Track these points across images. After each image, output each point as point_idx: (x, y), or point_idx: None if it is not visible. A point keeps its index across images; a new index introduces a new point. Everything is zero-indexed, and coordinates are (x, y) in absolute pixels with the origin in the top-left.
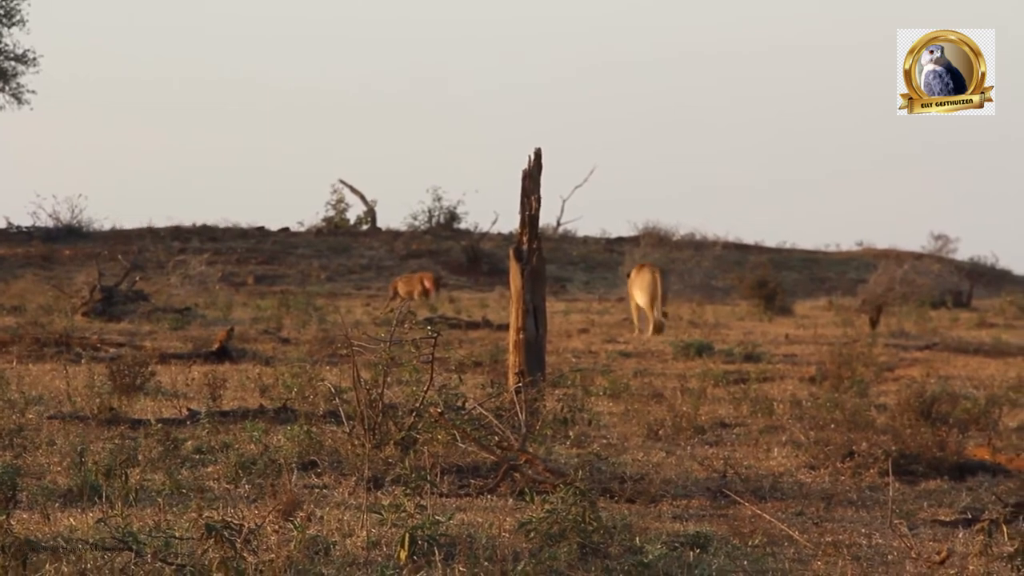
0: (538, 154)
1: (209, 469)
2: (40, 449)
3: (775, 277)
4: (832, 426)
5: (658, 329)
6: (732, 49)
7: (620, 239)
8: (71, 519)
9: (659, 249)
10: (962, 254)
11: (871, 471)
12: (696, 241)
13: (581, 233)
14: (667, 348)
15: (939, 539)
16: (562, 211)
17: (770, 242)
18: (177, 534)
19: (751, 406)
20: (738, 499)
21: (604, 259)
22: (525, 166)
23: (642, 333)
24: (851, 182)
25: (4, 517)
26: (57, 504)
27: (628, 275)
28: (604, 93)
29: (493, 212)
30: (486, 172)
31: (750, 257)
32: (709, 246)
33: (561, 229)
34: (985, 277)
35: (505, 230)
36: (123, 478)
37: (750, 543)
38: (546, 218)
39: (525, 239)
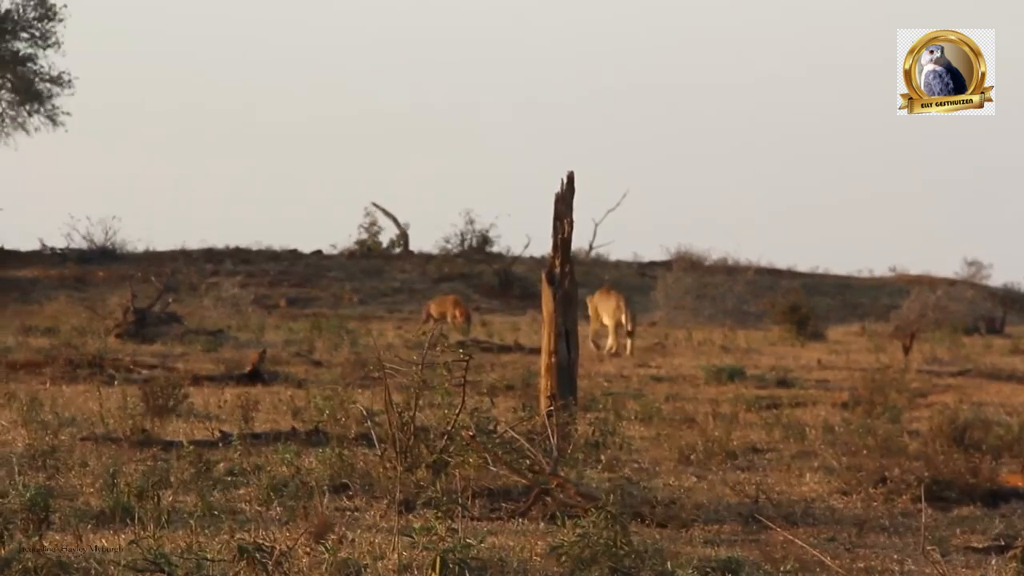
0: (571, 177)
1: (241, 491)
2: (73, 470)
3: (807, 302)
4: (864, 452)
5: (624, 349)
6: (767, 68)
7: (652, 263)
8: (103, 540)
9: (691, 273)
10: (995, 280)
11: (904, 497)
12: (728, 266)
13: (613, 257)
14: (699, 373)
15: (972, 566)
16: (594, 235)
17: (803, 267)
18: (209, 556)
19: (783, 431)
20: (770, 524)
21: (636, 283)
22: (558, 189)
23: (600, 350)
24: (885, 206)
25: (37, 538)
26: (89, 525)
27: (591, 297)
28: (637, 117)
29: (525, 236)
30: (519, 195)
31: (782, 282)
32: (741, 271)
33: (593, 253)
34: (1018, 304)
35: (537, 253)
36: (155, 500)
37: (782, 569)
38: (578, 242)
39: (557, 263)
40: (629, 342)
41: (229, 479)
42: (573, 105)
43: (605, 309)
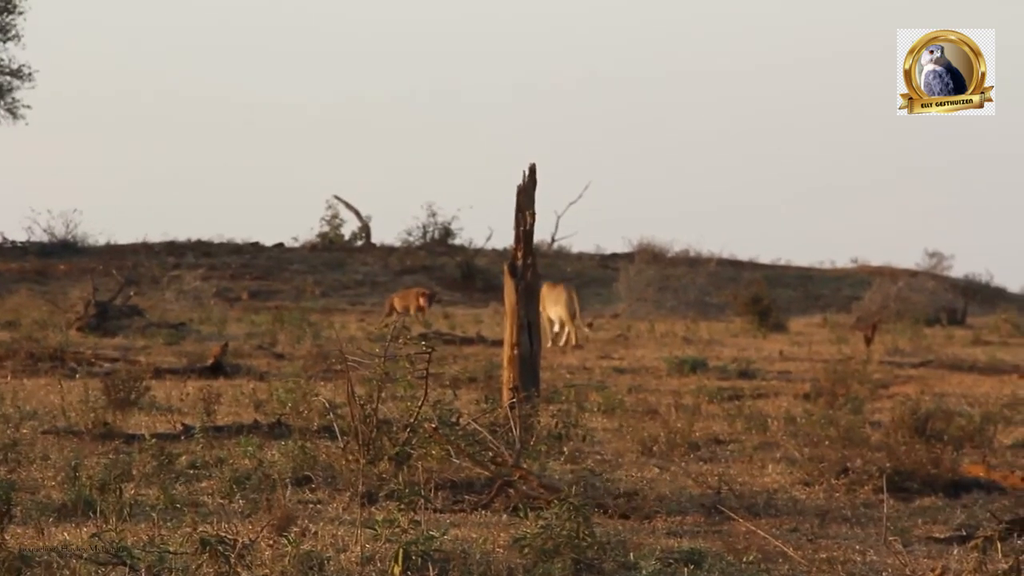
0: (533, 169)
1: (203, 484)
2: (34, 464)
3: (769, 294)
4: (827, 443)
5: (581, 340)
6: (729, 61)
7: (615, 255)
8: (65, 534)
9: (653, 265)
10: (957, 271)
11: (866, 488)
12: (691, 258)
13: (576, 249)
14: (661, 364)
15: (934, 556)
16: (557, 227)
17: (764, 259)
18: (171, 549)
19: (745, 423)
20: (732, 515)
21: (599, 275)
22: (520, 182)
23: (555, 344)
24: (846, 198)
25: None
26: (51, 519)
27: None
28: (599, 109)
29: (488, 228)
30: (481, 188)
31: (744, 274)
32: (704, 263)
33: (556, 245)
34: (980, 295)
35: (500, 246)
36: (117, 493)
37: (744, 559)
38: (541, 234)
39: (520, 255)
40: (582, 332)
41: (191, 472)
42: (535, 97)
43: (555, 302)
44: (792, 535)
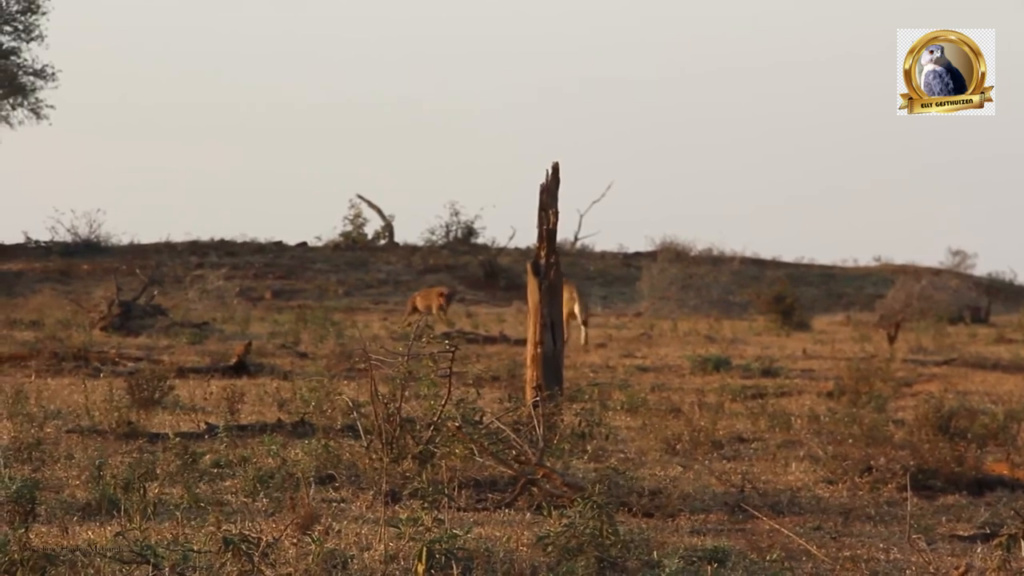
0: (556, 168)
1: (227, 483)
2: (59, 463)
3: (792, 292)
4: (850, 441)
5: (578, 340)
6: (746, 63)
7: (638, 254)
8: (89, 533)
9: (676, 264)
10: (980, 270)
11: (889, 486)
12: (713, 256)
13: (599, 248)
14: (684, 363)
15: (957, 554)
16: (580, 226)
17: (787, 257)
18: (195, 548)
19: (769, 421)
20: (756, 514)
21: (622, 274)
22: (543, 180)
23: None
24: (869, 197)
25: (23, 531)
26: (75, 518)
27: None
28: (622, 108)
29: (511, 227)
30: (504, 187)
31: (767, 272)
32: (727, 261)
33: (579, 244)
34: (1003, 293)
35: (523, 245)
36: (141, 492)
37: (768, 558)
38: (564, 233)
39: (543, 253)
40: (584, 332)
41: (215, 471)
42: (559, 97)
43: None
44: (815, 533)
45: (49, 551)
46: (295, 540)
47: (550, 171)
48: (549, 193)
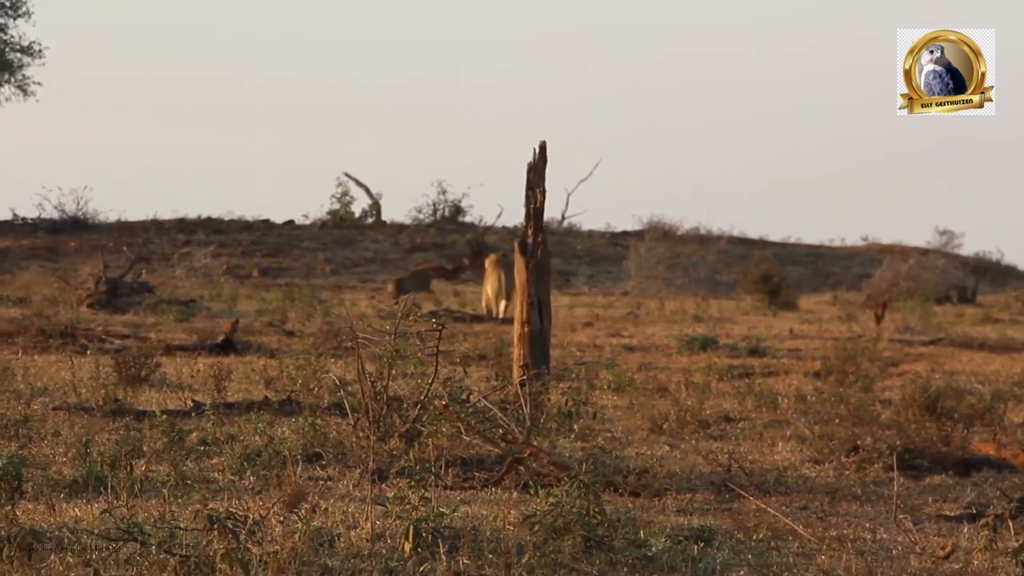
0: (543, 147)
1: (214, 461)
2: (45, 440)
3: (780, 272)
4: (837, 421)
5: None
6: (736, 48)
7: (625, 233)
8: (76, 510)
9: (664, 243)
10: (967, 249)
11: (876, 466)
12: (701, 235)
13: (586, 227)
14: (671, 342)
15: (944, 534)
16: (567, 205)
17: (775, 237)
18: (182, 525)
19: (755, 400)
20: (742, 493)
21: (609, 253)
22: (530, 159)
23: (497, 314)
24: (856, 177)
25: (9, 508)
26: (62, 495)
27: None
28: (609, 88)
29: (498, 205)
30: (491, 166)
31: (755, 252)
32: (714, 240)
33: (566, 223)
34: (990, 273)
35: (510, 223)
36: (128, 469)
37: (754, 537)
38: (551, 212)
39: (530, 232)
40: (504, 304)
41: (202, 448)
42: (546, 75)
43: (487, 280)
44: (802, 513)
45: (36, 528)
46: (282, 518)
47: (537, 150)
48: (536, 172)
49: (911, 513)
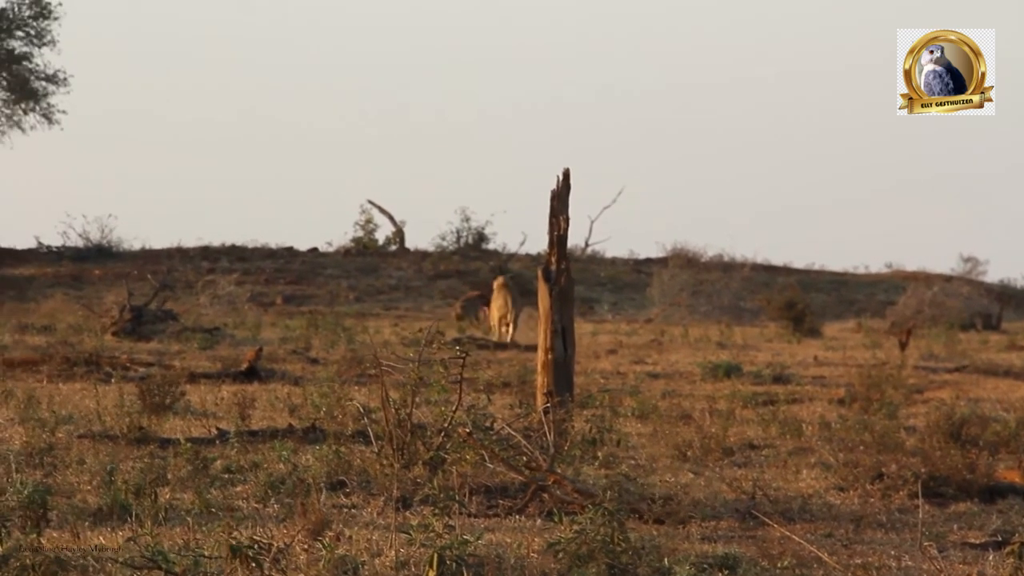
0: (567, 175)
1: (238, 488)
2: (70, 468)
3: (804, 299)
4: (861, 448)
5: (506, 336)
6: (751, 69)
7: (648, 260)
8: (101, 537)
9: (687, 270)
10: (992, 276)
11: (900, 493)
12: (724, 263)
13: (609, 254)
14: (695, 369)
15: (969, 562)
16: (590, 232)
17: (798, 263)
18: (206, 553)
19: (780, 428)
20: (767, 521)
21: (632, 280)
22: (553, 187)
23: (501, 338)
24: (880, 203)
25: (35, 535)
26: (87, 523)
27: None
28: (633, 114)
29: (521, 233)
30: (514, 193)
31: (778, 279)
32: (737, 268)
33: (589, 250)
34: (1015, 299)
35: (533, 251)
36: (153, 497)
37: (779, 565)
38: (574, 239)
39: (553, 260)
40: (511, 329)
41: (226, 476)
42: (569, 103)
43: (494, 302)
44: (827, 540)
45: (61, 556)
46: (306, 546)
47: (561, 177)
48: (560, 199)
49: (936, 541)
